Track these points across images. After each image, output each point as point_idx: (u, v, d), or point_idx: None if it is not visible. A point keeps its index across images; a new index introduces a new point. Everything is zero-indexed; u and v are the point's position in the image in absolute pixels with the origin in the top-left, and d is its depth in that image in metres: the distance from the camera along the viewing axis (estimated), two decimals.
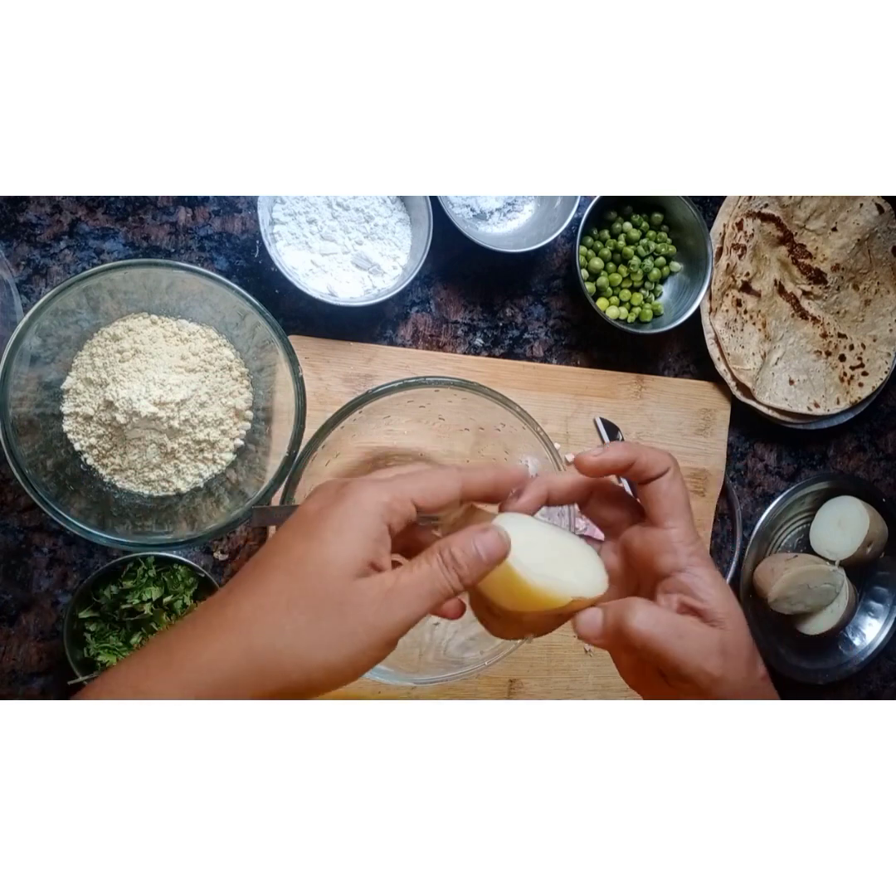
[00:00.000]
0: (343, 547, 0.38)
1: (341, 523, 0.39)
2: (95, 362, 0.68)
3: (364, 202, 0.76)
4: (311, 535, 0.39)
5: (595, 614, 0.42)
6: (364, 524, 0.39)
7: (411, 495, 0.41)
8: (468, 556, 0.40)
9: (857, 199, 0.93)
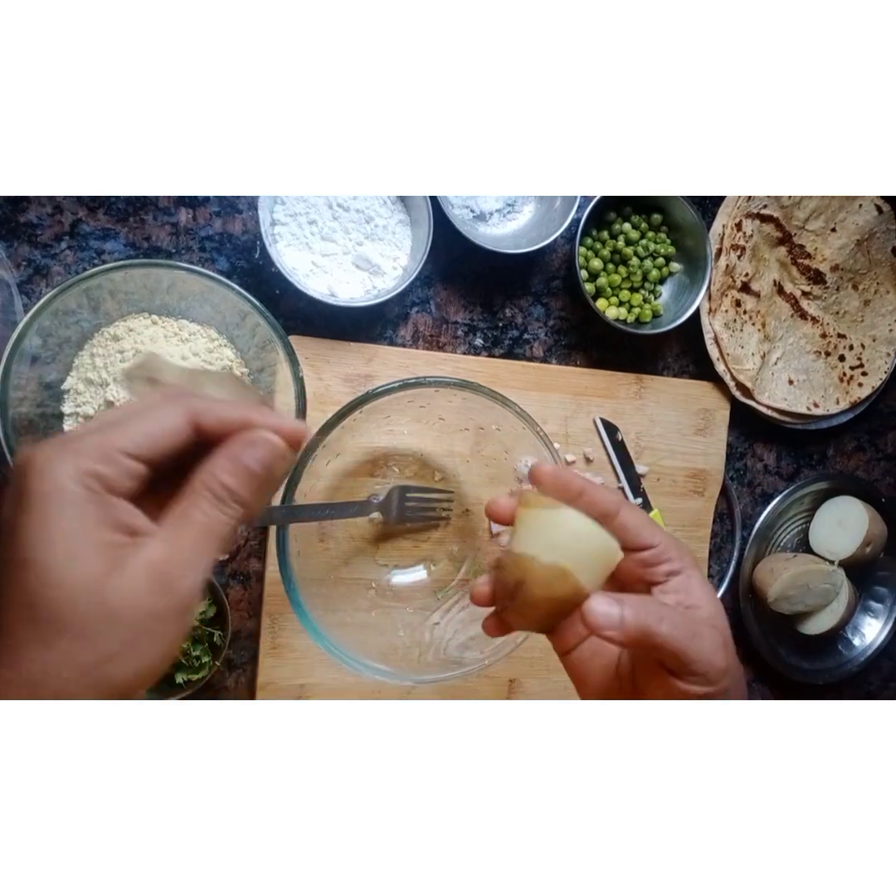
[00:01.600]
0: (65, 558, 0.31)
1: (45, 530, 0.31)
2: (96, 362, 0.68)
3: (364, 203, 0.76)
4: (24, 560, 0.31)
5: (611, 606, 0.38)
6: (71, 517, 0.31)
7: (117, 446, 0.33)
8: (241, 477, 0.34)
9: (857, 199, 0.93)
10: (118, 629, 0.32)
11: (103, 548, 0.32)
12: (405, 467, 0.79)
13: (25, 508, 0.32)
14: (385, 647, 0.72)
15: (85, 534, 0.32)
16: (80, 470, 0.32)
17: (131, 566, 0.33)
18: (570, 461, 0.86)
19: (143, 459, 0.34)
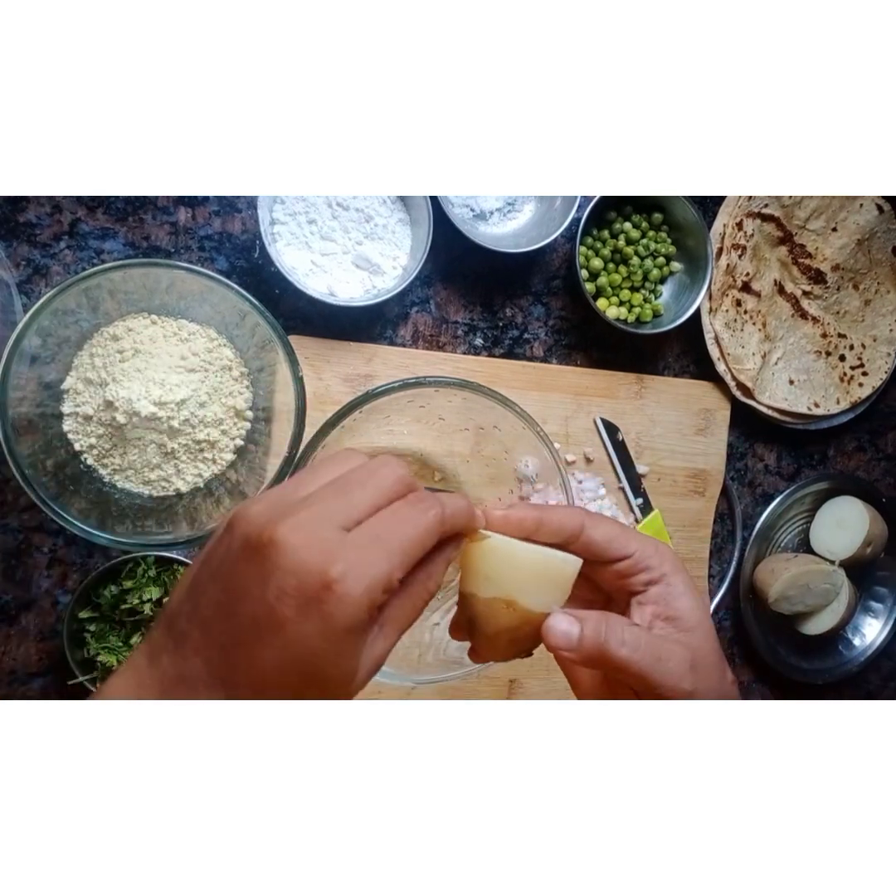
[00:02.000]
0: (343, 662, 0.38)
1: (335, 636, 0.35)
2: (95, 362, 0.68)
3: (364, 202, 0.76)
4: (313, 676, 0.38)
5: (571, 625, 0.39)
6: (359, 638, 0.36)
7: (399, 575, 0.35)
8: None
9: (857, 199, 0.93)
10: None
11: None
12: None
13: (322, 633, 0.35)
14: None
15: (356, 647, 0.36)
16: (373, 602, 0.34)
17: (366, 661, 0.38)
18: (570, 461, 0.86)
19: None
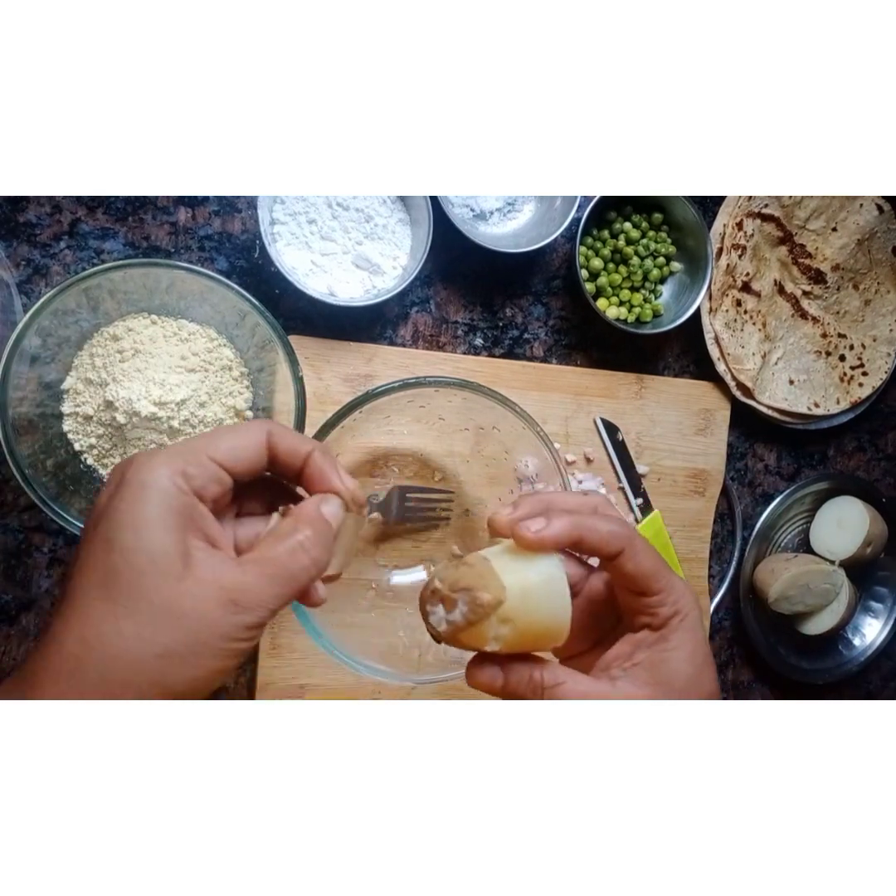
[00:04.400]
0: (147, 547, 0.33)
1: (135, 516, 0.34)
2: (95, 362, 0.68)
3: (364, 202, 0.76)
4: (107, 540, 0.34)
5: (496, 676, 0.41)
6: (161, 506, 0.34)
7: (207, 452, 0.35)
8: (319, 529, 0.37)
9: (857, 199, 0.93)
10: (182, 631, 0.34)
11: (182, 547, 0.34)
12: (405, 467, 0.79)
13: (120, 494, 0.34)
14: (385, 647, 0.72)
15: (169, 527, 0.34)
16: (172, 468, 0.34)
17: (207, 578, 0.34)
18: (570, 461, 0.86)
19: (227, 469, 0.36)
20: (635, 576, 0.40)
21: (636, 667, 0.40)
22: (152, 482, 0.34)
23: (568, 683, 0.40)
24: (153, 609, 0.33)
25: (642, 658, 0.40)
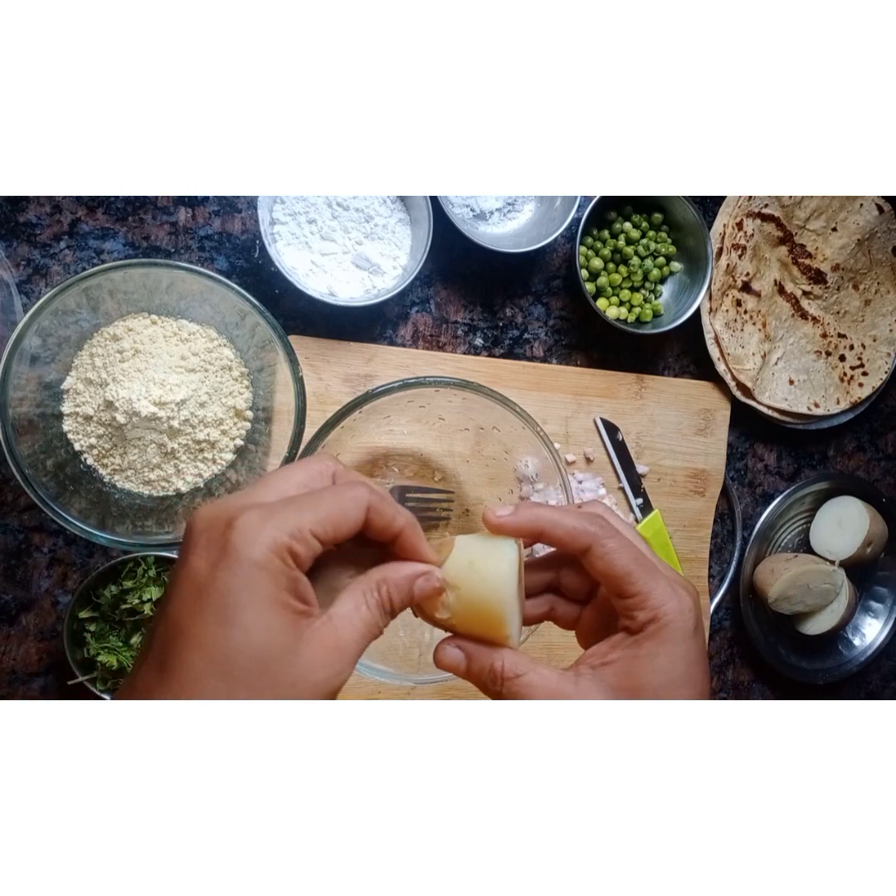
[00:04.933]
0: (267, 625, 0.34)
1: (251, 595, 0.34)
2: (95, 362, 0.68)
3: (364, 202, 0.76)
4: (222, 617, 0.34)
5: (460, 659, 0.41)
6: (274, 585, 0.34)
7: (311, 528, 0.36)
8: (404, 600, 0.39)
9: (857, 199, 0.93)
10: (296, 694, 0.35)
11: (292, 620, 0.35)
12: (405, 467, 0.79)
13: (229, 567, 0.34)
14: (385, 647, 0.72)
15: (283, 605, 0.35)
16: (279, 544, 0.35)
17: (311, 644, 0.36)
18: (570, 461, 0.86)
19: (323, 542, 0.37)
20: (606, 575, 0.40)
21: (605, 667, 0.40)
22: (264, 561, 0.34)
23: (528, 676, 0.41)
24: (273, 683, 0.35)
25: (614, 659, 0.40)
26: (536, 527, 0.41)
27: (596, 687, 0.40)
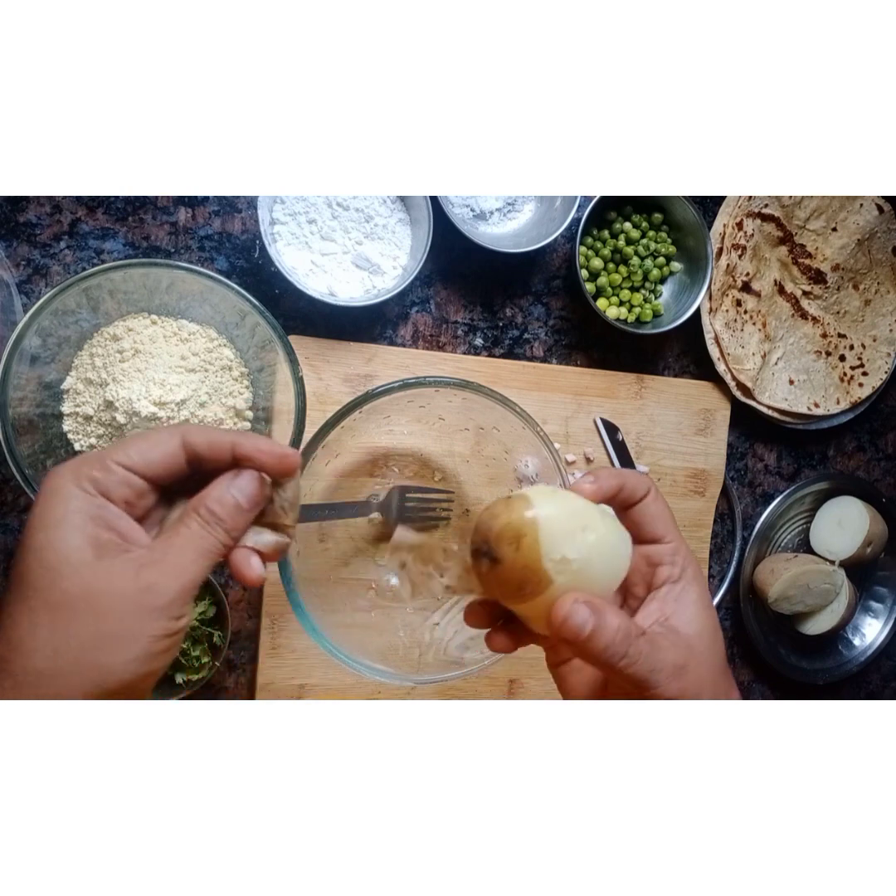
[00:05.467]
0: (57, 541, 0.35)
1: (43, 518, 0.36)
2: (95, 362, 0.68)
3: (364, 202, 0.76)
4: (23, 543, 0.36)
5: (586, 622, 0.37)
6: (69, 507, 0.36)
7: (113, 458, 0.37)
8: (227, 506, 0.38)
9: (857, 199, 0.93)
10: (101, 616, 0.35)
11: (93, 539, 0.36)
12: (405, 467, 0.79)
13: (35, 503, 0.37)
14: (385, 647, 0.72)
15: (76, 525, 0.36)
16: (79, 474, 0.37)
17: (119, 562, 0.36)
18: (570, 461, 0.86)
19: (138, 473, 0.38)
20: (657, 515, 0.43)
21: (669, 620, 0.41)
22: (59, 487, 0.37)
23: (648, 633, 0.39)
24: (67, 598, 0.35)
25: (672, 611, 0.42)
26: (620, 481, 0.43)
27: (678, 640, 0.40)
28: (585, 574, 0.38)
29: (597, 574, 0.39)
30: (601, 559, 0.39)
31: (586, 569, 0.38)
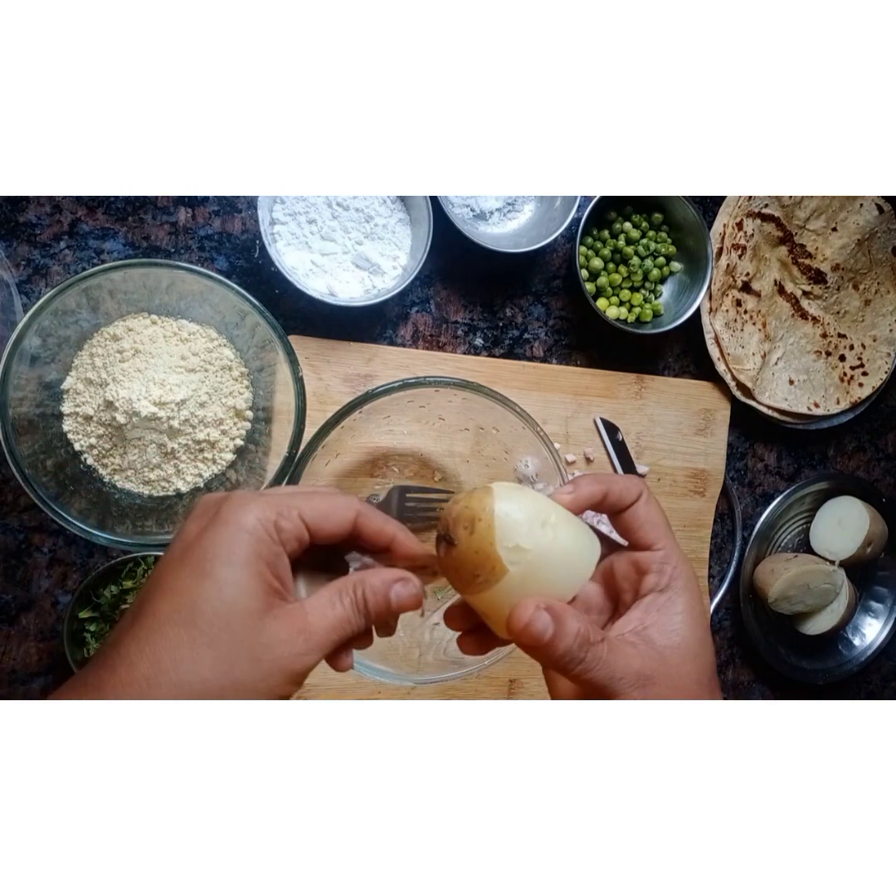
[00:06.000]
0: (239, 583, 0.35)
1: (230, 553, 0.36)
2: (95, 362, 0.68)
3: (364, 202, 0.76)
4: (198, 570, 0.35)
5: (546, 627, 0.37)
6: (254, 549, 0.36)
7: (300, 512, 0.38)
8: (379, 603, 0.39)
9: (857, 199, 0.93)
10: (256, 665, 0.35)
11: (265, 589, 0.36)
12: (405, 467, 0.79)
13: (215, 529, 0.36)
14: (385, 647, 0.72)
15: (258, 570, 0.36)
16: (268, 516, 0.37)
17: (279, 621, 0.36)
18: (570, 461, 0.86)
19: (310, 531, 0.38)
20: (647, 521, 0.42)
21: (647, 630, 0.41)
22: (249, 526, 0.36)
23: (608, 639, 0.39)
24: (234, 642, 0.35)
25: (653, 621, 0.41)
26: (603, 488, 0.42)
27: (650, 651, 0.40)
28: (541, 571, 0.38)
29: (554, 574, 0.39)
30: (559, 558, 0.39)
31: (542, 565, 0.38)
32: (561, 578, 0.40)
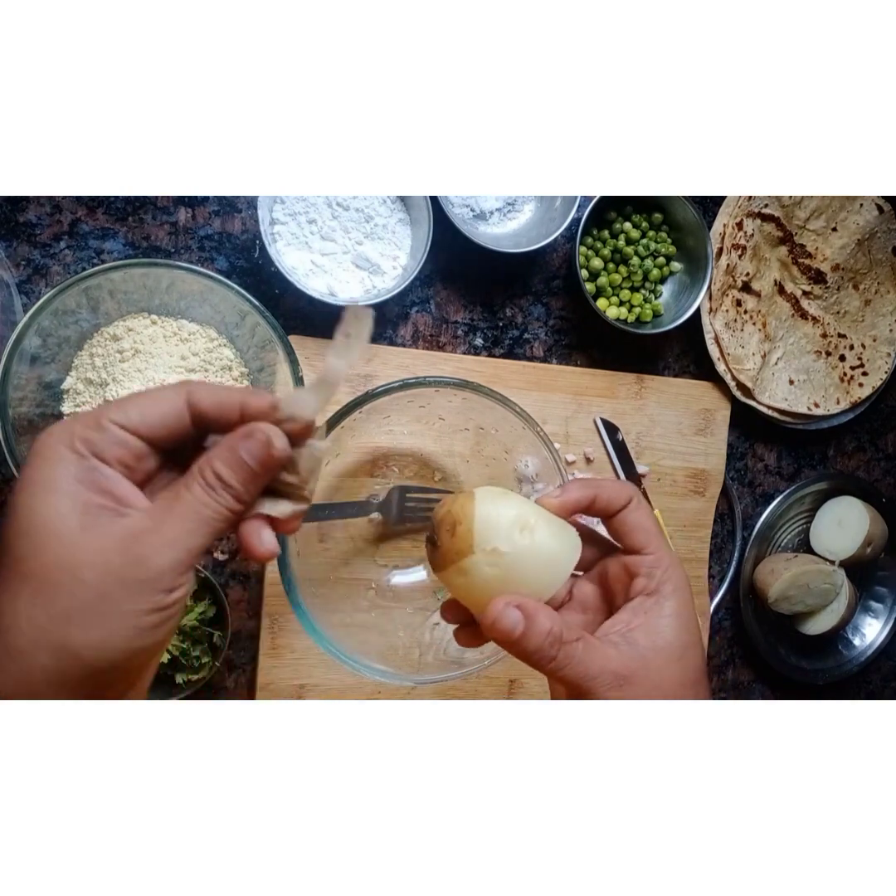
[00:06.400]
0: (43, 507, 0.32)
1: (30, 482, 0.33)
2: (95, 362, 0.68)
3: (364, 202, 0.76)
4: (12, 509, 0.33)
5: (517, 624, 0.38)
6: (58, 470, 0.33)
7: (109, 417, 0.34)
8: (235, 469, 0.35)
9: (857, 199, 0.93)
10: (80, 586, 0.32)
11: (82, 506, 0.33)
12: (405, 467, 0.79)
13: (23, 467, 0.34)
14: (385, 647, 0.72)
15: (64, 490, 0.33)
16: (71, 435, 0.34)
17: (108, 529, 0.33)
18: (570, 461, 0.86)
19: (136, 433, 0.35)
20: (637, 526, 0.43)
21: (633, 631, 0.41)
22: (48, 449, 0.34)
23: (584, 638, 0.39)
24: (48, 570, 0.32)
25: (640, 623, 0.41)
26: (591, 494, 0.43)
27: (631, 652, 0.40)
28: (518, 573, 0.41)
29: (531, 575, 0.41)
30: (536, 560, 0.41)
31: (519, 567, 0.41)
32: (538, 579, 0.42)
